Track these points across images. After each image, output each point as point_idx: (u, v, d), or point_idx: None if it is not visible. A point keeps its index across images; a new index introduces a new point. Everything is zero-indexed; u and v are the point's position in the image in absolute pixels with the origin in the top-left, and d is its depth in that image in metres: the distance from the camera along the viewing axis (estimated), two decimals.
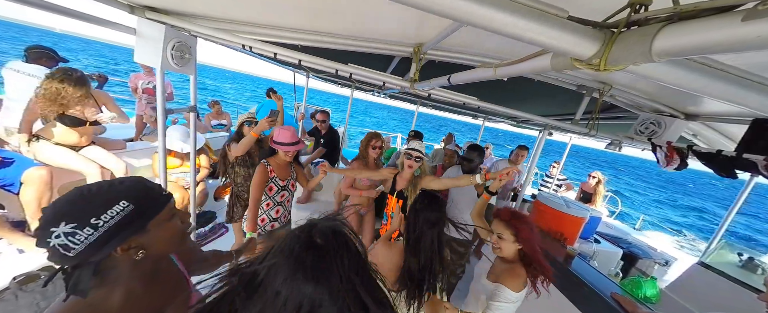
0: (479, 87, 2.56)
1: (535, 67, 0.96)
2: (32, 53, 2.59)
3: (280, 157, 2.07)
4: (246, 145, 2.29)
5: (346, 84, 5.01)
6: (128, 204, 0.65)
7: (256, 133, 2.27)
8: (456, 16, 0.63)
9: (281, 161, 2.10)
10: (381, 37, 1.80)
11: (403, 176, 2.14)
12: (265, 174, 2.00)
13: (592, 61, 0.66)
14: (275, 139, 2.02)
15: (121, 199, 0.65)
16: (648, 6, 0.60)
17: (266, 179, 2.01)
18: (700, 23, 0.51)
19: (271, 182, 2.04)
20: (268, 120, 2.29)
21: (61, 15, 1.45)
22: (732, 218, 2.97)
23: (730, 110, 1.86)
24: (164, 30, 1.67)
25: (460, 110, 5.77)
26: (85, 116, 2.27)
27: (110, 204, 0.63)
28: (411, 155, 2.07)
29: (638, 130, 2.19)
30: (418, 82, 1.96)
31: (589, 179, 4.86)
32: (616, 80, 1.87)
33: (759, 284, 2.17)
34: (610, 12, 0.66)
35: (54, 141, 2.25)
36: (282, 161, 2.10)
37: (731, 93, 0.74)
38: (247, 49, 2.01)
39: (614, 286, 1.97)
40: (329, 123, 4.16)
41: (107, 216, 0.62)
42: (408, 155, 2.08)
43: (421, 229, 1.29)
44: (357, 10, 1.45)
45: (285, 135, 2.04)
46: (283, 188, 2.11)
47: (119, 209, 0.64)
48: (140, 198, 0.68)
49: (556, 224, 2.60)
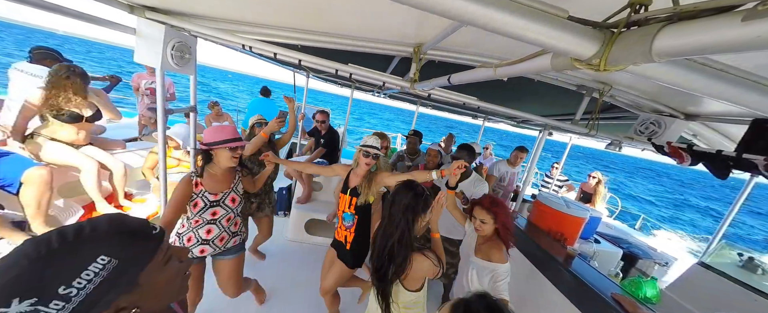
0: (479, 87, 2.56)
1: (535, 67, 0.96)
2: (36, 54, 2.61)
3: (220, 163, 1.69)
4: (255, 144, 2.28)
5: (346, 84, 5.01)
6: (108, 259, 0.48)
7: (265, 133, 2.26)
8: (456, 16, 0.63)
9: (219, 169, 1.71)
10: (381, 37, 1.80)
11: (357, 173, 2.03)
12: (188, 188, 1.61)
13: (592, 61, 0.66)
14: (206, 141, 1.65)
15: (99, 254, 0.48)
16: (648, 6, 0.60)
17: (188, 193, 1.61)
18: (700, 23, 0.51)
19: (197, 197, 1.64)
20: (278, 121, 2.30)
21: (61, 15, 1.45)
22: (732, 218, 2.97)
23: (730, 110, 1.86)
24: (164, 30, 1.67)
25: (460, 110, 5.77)
26: (82, 111, 2.28)
27: (84, 263, 0.46)
28: (368, 153, 1.96)
29: (638, 130, 2.19)
30: (418, 82, 1.96)
31: (589, 179, 4.85)
32: (616, 80, 1.87)
33: (759, 284, 2.17)
34: (610, 12, 0.66)
35: (50, 137, 2.26)
36: (220, 169, 1.71)
37: (731, 93, 0.74)
38: (247, 49, 2.01)
39: (614, 286, 1.97)
40: (329, 123, 4.16)
41: (82, 281, 0.45)
42: (365, 153, 1.97)
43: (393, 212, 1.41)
44: (357, 10, 1.45)
45: (219, 132, 1.65)
46: (213, 203, 1.68)
47: (97, 269, 0.46)
48: (124, 247, 0.51)
49: (557, 224, 2.59)
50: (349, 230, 1.99)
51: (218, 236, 1.74)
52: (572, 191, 5.34)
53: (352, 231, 1.99)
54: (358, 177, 2.01)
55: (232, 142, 1.65)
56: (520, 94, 3.00)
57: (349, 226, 2.00)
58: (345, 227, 2.01)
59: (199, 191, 1.64)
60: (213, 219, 1.71)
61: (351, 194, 1.98)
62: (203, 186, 1.65)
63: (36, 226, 2.07)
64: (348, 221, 2.00)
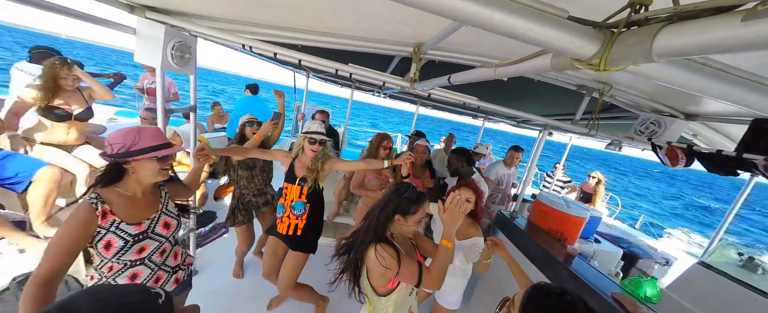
0: (479, 87, 2.56)
1: (535, 67, 0.96)
2: (36, 54, 2.63)
3: (140, 180, 1.18)
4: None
5: (346, 84, 5.01)
6: None
7: (259, 137, 2.23)
8: (456, 16, 0.63)
9: (138, 188, 1.20)
10: (381, 37, 1.80)
11: (302, 161, 1.96)
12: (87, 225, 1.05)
13: (592, 61, 0.66)
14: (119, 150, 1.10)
15: None
16: (648, 6, 0.60)
17: (89, 232, 1.06)
18: (700, 23, 0.51)
19: (107, 234, 1.09)
20: (271, 123, 2.29)
21: (61, 15, 1.45)
22: (732, 217, 2.97)
23: (730, 110, 1.86)
24: (164, 30, 1.67)
25: (460, 110, 5.77)
26: (70, 109, 2.25)
27: None
28: (313, 139, 1.88)
29: (638, 130, 2.19)
30: (418, 82, 1.96)
31: (588, 179, 4.85)
32: (616, 80, 1.87)
33: (759, 284, 2.17)
34: (610, 12, 0.66)
35: (40, 141, 2.24)
36: (141, 187, 1.20)
37: (731, 93, 0.74)
38: (247, 49, 2.01)
39: (615, 286, 1.97)
40: (329, 123, 4.16)
41: None
42: (310, 139, 1.88)
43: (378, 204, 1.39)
44: (357, 10, 1.45)
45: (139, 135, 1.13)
46: (137, 237, 1.16)
47: None
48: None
49: (557, 223, 2.59)
50: (300, 218, 1.97)
51: (149, 280, 1.23)
52: (575, 192, 5.33)
53: (303, 218, 1.97)
54: (304, 165, 1.95)
55: (161, 150, 1.16)
56: (520, 94, 3.00)
57: (299, 214, 1.97)
58: (295, 216, 1.97)
59: (108, 223, 1.09)
60: (139, 259, 1.19)
61: (299, 183, 1.92)
62: (115, 216, 1.11)
63: (38, 226, 2.07)
64: (298, 210, 1.96)
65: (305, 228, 1.99)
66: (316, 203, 2.02)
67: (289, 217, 1.98)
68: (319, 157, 1.96)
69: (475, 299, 2.83)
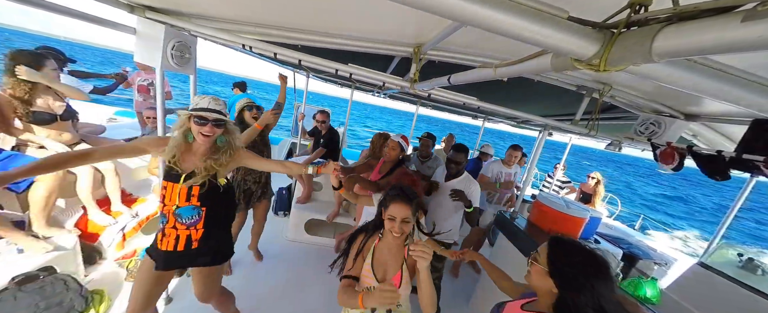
0: (479, 87, 2.56)
1: (535, 68, 0.96)
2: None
3: None
4: (248, 137, 2.26)
5: (346, 84, 5.01)
6: None
7: (259, 125, 2.25)
8: (456, 16, 0.63)
9: None
10: (381, 38, 1.80)
11: (193, 152, 1.46)
12: None
13: (592, 62, 0.66)
14: None
15: None
16: (648, 6, 0.60)
17: None
18: (699, 24, 0.51)
19: None
20: (272, 112, 2.31)
21: (61, 14, 1.45)
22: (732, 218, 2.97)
23: (730, 110, 1.86)
24: (164, 30, 1.67)
25: (460, 111, 5.77)
26: (53, 110, 2.12)
27: None
28: (204, 119, 1.36)
29: (638, 130, 2.19)
30: (418, 83, 1.96)
31: (588, 179, 4.85)
32: (616, 81, 1.87)
33: (759, 284, 2.17)
34: (610, 12, 0.66)
35: (37, 146, 2.16)
36: None
37: (731, 93, 0.74)
38: (247, 49, 2.01)
39: None
40: (329, 123, 4.16)
41: None
42: (199, 119, 1.36)
43: None
44: (357, 10, 1.45)
45: None
46: None
47: None
48: None
49: (557, 224, 2.59)
50: (193, 227, 1.48)
51: None
52: (574, 193, 5.33)
53: (198, 227, 1.49)
54: (194, 156, 1.46)
55: None
56: (520, 94, 2.99)
57: (191, 223, 1.46)
58: (184, 225, 1.46)
59: None
60: None
61: (186, 180, 1.40)
62: None
63: (37, 225, 2.07)
64: (189, 217, 1.45)
65: (203, 239, 1.51)
66: (216, 204, 1.51)
67: (175, 228, 1.46)
68: (220, 144, 1.49)
69: (476, 299, 2.83)
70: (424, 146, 3.65)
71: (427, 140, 3.67)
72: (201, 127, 1.37)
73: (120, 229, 2.60)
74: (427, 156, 3.60)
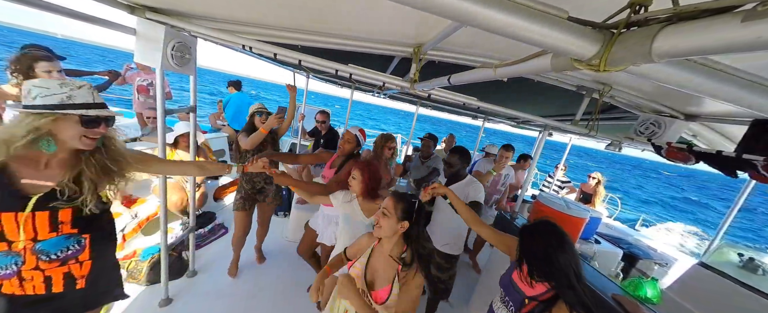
0: (479, 87, 2.56)
1: (535, 68, 0.96)
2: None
3: None
4: (255, 140, 2.30)
5: (346, 84, 5.01)
6: None
7: (265, 129, 2.28)
8: (456, 16, 0.63)
9: None
10: (381, 38, 1.80)
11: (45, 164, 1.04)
12: None
13: (592, 62, 0.66)
14: None
15: None
16: (648, 6, 0.60)
17: None
18: (699, 24, 0.50)
19: None
20: (277, 117, 2.33)
21: (61, 15, 1.45)
22: (732, 218, 2.97)
23: (730, 111, 1.86)
24: (164, 30, 1.67)
25: (460, 111, 5.77)
26: None
27: None
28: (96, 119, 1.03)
29: (638, 130, 2.19)
30: (418, 83, 1.96)
31: (588, 179, 4.86)
32: (616, 81, 1.87)
33: (759, 284, 2.16)
34: (610, 12, 0.66)
35: None
36: None
37: (731, 93, 0.74)
38: (247, 49, 2.01)
39: (615, 287, 1.97)
40: (329, 123, 4.16)
41: None
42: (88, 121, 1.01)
43: None
44: (357, 10, 1.45)
45: None
46: None
47: None
48: None
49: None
50: (72, 261, 1.11)
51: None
52: (573, 193, 5.34)
53: (82, 260, 1.13)
54: (50, 169, 1.04)
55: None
56: (520, 94, 2.99)
57: (66, 257, 1.08)
58: (57, 261, 1.07)
59: None
60: None
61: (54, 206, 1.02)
62: None
63: None
64: (66, 249, 1.08)
65: (94, 276, 1.17)
66: (100, 229, 1.18)
67: (38, 268, 1.04)
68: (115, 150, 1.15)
69: (476, 295, 2.83)
70: (426, 147, 3.77)
71: (429, 141, 3.78)
72: (90, 129, 1.02)
73: (119, 230, 2.60)
74: (428, 156, 3.73)
